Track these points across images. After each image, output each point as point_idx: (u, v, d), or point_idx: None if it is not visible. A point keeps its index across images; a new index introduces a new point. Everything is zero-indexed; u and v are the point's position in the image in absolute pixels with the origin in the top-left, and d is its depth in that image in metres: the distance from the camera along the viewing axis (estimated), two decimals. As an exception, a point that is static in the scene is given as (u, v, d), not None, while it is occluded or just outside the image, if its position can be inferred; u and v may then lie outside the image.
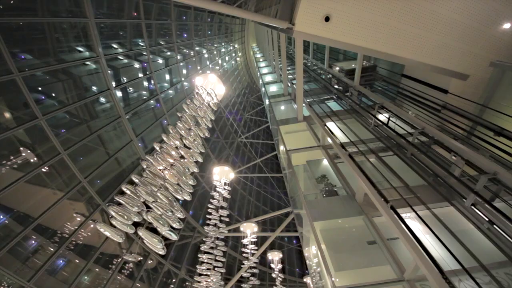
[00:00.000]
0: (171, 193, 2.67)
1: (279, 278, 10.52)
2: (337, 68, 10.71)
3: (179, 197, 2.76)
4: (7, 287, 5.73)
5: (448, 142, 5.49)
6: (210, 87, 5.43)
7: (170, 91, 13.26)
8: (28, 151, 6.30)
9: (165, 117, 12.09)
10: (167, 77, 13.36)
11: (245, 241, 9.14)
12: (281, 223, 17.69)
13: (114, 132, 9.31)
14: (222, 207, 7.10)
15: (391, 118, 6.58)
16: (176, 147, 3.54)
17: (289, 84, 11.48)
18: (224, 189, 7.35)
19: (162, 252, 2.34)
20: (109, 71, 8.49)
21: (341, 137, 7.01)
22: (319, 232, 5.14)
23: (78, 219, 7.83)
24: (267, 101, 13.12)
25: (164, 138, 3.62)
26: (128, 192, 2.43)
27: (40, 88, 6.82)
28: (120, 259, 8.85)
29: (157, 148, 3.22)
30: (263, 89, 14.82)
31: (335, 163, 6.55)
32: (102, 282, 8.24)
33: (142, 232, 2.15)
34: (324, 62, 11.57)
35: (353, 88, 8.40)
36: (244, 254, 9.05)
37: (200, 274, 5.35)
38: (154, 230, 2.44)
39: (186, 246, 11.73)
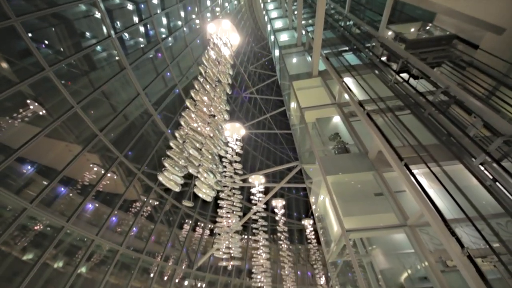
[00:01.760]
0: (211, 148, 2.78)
1: (282, 220, 11.97)
2: (390, 33, 7.85)
3: (216, 152, 2.89)
4: (45, 227, 6.46)
5: (469, 102, 5.42)
6: (225, 36, 4.95)
7: (170, 39, 12.07)
8: (36, 104, 6.15)
9: (168, 68, 11.38)
10: (164, 21, 11.94)
11: (253, 190, 9.96)
12: (282, 175, 18.92)
13: (117, 83, 8.90)
14: (236, 161, 7.49)
15: (414, 74, 6.29)
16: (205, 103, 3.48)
17: (304, 32, 10.39)
18: (236, 144, 7.59)
19: (209, 199, 2.60)
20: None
21: (357, 93, 6.83)
22: (330, 185, 5.58)
23: (95, 169, 8.26)
24: (276, 52, 12.13)
25: (192, 94, 3.52)
26: (174, 147, 2.51)
27: (30, 35, 6.13)
28: (140, 203, 9.75)
29: (189, 106, 3.17)
30: (272, 37, 13.47)
31: (350, 121, 6.59)
32: (124, 223, 9.29)
33: (197, 182, 2.34)
34: (345, 6, 10.16)
35: (377, 39, 7.70)
36: (252, 201, 10.03)
37: (221, 216, 6.07)
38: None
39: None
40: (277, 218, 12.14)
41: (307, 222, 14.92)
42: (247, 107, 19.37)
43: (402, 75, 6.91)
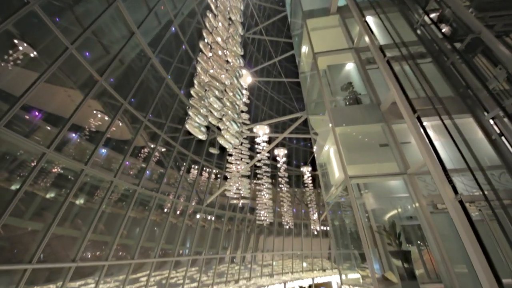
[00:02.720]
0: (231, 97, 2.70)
1: (283, 167, 12.86)
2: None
3: (238, 102, 2.81)
4: (62, 169, 6.88)
5: (498, 50, 4.99)
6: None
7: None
8: (25, 45, 5.57)
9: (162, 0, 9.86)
10: None
11: (258, 140, 10.27)
12: (284, 126, 19.10)
13: (107, 19, 7.86)
14: (242, 111, 7.43)
15: (446, 15, 5.56)
16: (218, 46, 3.17)
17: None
18: (243, 93, 7.36)
19: (228, 146, 2.70)
20: None
21: (378, 36, 6.18)
22: (338, 136, 5.69)
23: (99, 116, 8.21)
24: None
25: (204, 35, 3.17)
26: (194, 95, 2.43)
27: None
28: (148, 149, 10.14)
29: (203, 49, 2.89)
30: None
31: (366, 69, 6.20)
32: (135, 167, 9.90)
33: (222, 131, 2.38)
34: None
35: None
36: (257, 150, 10.48)
37: (231, 163, 6.46)
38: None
39: (204, 142, 13.25)
40: (278, 165, 13.00)
41: (305, 169, 16.13)
42: (250, 50, 17.72)
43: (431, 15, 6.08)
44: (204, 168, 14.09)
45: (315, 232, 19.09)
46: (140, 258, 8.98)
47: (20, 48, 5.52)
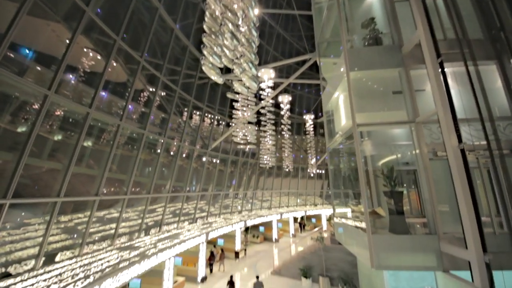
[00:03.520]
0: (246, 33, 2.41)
1: (286, 114, 12.80)
2: None
3: (255, 39, 2.52)
4: (64, 111, 6.81)
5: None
6: None
7: None
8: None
9: None
10: None
11: (263, 85, 9.82)
12: (289, 70, 17.92)
13: None
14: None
15: None
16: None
17: None
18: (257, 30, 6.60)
19: (243, 91, 2.60)
20: None
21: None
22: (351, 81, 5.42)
23: (91, 54, 7.55)
24: None
25: None
26: (206, 30, 2.16)
27: None
28: (145, 92, 9.81)
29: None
30: None
31: (393, 1, 5.36)
32: (136, 111, 9.80)
33: (240, 74, 2.24)
34: None
35: None
36: (261, 96, 10.17)
37: (237, 109, 6.38)
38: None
39: (205, 86, 12.70)
40: (282, 112, 12.89)
41: (308, 117, 16.14)
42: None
43: None
44: (206, 114, 14.02)
45: (312, 175, 20.75)
46: (154, 193, 10.02)
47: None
